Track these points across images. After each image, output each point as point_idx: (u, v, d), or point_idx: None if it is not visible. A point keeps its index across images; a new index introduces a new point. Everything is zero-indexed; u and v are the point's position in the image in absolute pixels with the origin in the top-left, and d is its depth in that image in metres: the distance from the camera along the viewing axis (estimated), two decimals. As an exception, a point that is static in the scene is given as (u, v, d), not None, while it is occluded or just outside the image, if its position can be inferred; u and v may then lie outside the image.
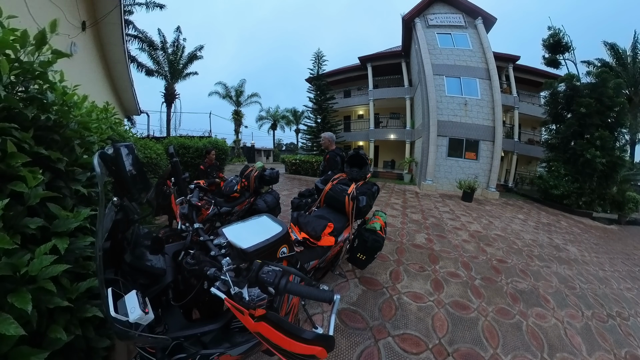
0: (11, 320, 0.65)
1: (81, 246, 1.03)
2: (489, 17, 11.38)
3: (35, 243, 0.85)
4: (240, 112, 22.43)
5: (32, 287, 0.75)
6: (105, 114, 2.12)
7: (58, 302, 0.82)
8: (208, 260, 0.81)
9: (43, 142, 0.97)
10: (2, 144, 0.78)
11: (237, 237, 0.94)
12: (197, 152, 6.53)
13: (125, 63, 6.58)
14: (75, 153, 1.12)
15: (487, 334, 1.99)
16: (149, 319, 0.62)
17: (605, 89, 8.78)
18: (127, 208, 0.78)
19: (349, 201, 2.00)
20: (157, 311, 0.74)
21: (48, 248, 0.79)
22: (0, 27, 0.91)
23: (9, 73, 0.85)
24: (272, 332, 0.55)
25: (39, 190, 0.85)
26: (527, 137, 14.96)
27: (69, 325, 0.91)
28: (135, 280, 0.75)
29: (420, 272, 2.88)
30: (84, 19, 4.50)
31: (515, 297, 2.60)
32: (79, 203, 1.17)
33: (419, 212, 6.09)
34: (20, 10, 2.72)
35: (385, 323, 1.98)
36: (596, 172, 8.73)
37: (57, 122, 1.05)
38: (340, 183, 2.25)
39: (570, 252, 4.40)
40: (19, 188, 0.79)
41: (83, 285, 0.97)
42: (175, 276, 0.88)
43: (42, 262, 0.76)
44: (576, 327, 2.27)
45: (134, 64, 13.34)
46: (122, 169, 0.71)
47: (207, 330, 0.79)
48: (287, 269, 0.68)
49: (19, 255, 0.76)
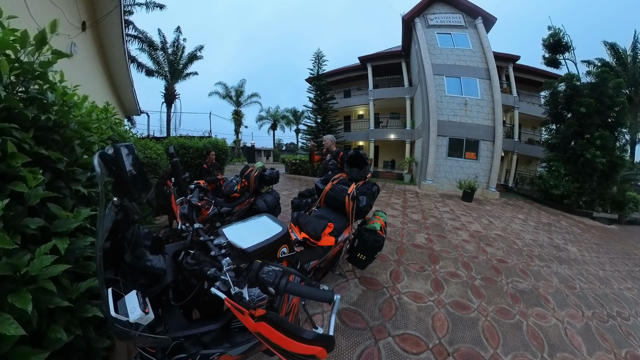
0: (11, 321, 0.65)
1: (81, 246, 1.03)
2: (488, 17, 11.38)
3: (36, 243, 0.85)
4: (240, 112, 22.45)
5: (33, 287, 0.75)
6: (106, 114, 2.12)
7: (58, 302, 0.82)
8: (208, 261, 0.81)
9: (43, 142, 0.97)
10: (2, 144, 0.79)
11: (237, 237, 0.94)
12: (197, 153, 6.53)
13: (125, 63, 6.58)
14: (75, 153, 1.12)
15: (488, 333, 1.99)
16: (149, 319, 0.62)
17: (605, 88, 8.79)
18: (127, 208, 0.78)
19: (349, 201, 2.00)
20: (157, 311, 0.74)
21: (48, 248, 0.79)
22: (0, 28, 0.91)
23: (9, 73, 0.85)
24: (272, 332, 0.55)
25: (39, 190, 0.85)
26: (527, 137, 14.96)
27: (69, 325, 0.91)
28: (136, 280, 0.75)
29: (421, 272, 2.88)
30: (84, 19, 4.50)
31: (515, 297, 2.60)
32: (79, 203, 1.17)
33: (419, 212, 6.09)
34: (21, 11, 2.72)
35: (386, 323, 1.98)
36: (596, 172, 8.73)
37: (57, 122, 1.05)
38: (341, 183, 2.25)
39: (570, 252, 4.39)
40: (19, 188, 0.79)
41: (83, 286, 0.97)
42: (176, 276, 0.88)
43: (42, 262, 0.76)
44: (576, 327, 2.27)
45: (134, 64, 13.35)
46: (122, 169, 0.71)
47: (207, 330, 0.79)
48: (287, 269, 0.68)
49: (20, 255, 0.76)
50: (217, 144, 7.19)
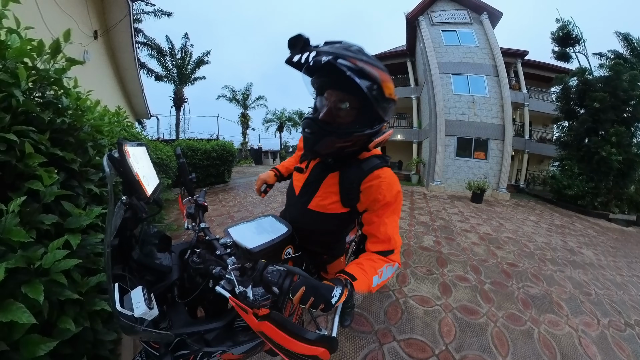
0: (24, 310, 0.69)
1: (92, 242, 1.06)
2: (494, 11, 11.13)
3: (50, 238, 0.89)
4: (247, 114, 22.73)
5: (45, 280, 0.79)
6: (117, 118, 2.20)
7: (69, 295, 0.85)
8: (213, 260, 0.81)
9: (58, 144, 1.03)
10: (20, 145, 0.83)
11: (243, 237, 0.95)
12: (205, 154, 6.65)
13: (135, 69, 6.80)
14: (88, 154, 1.18)
15: (497, 340, 1.92)
16: (154, 314, 0.63)
17: (619, 82, 8.37)
18: (135, 207, 0.80)
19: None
20: (162, 307, 0.75)
21: (61, 243, 0.83)
22: (18, 38, 0.96)
23: (26, 80, 0.90)
24: (275, 331, 0.56)
25: (54, 189, 0.89)
26: (538, 135, 14.53)
27: (78, 317, 0.94)
28: (142, 276, 0.77)
29: (428, 275, 2.83)
30: (96, 28, 4.68)
31: (526, 302, 2.52)
32: (92, 201, 1.23)
33: (427, 213, 6.00)
34: (36, 21, 2.86)
35: (391, 327, 1.95)
36: (612, 170, 8.36)
37: (71, 125, 1.10)
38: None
39: (585, 256, 4.23)
40: (35, 186, 0.83)
41: (93, 280, 1.01)
42: (181, 274, 0.89)
43: (55, 255, 0.80)
44: (591, 335, 2.15)
45: (144, 69, 13.74)
46: (128, 170, 0.72)
47: (210, 328, 0.80)
48: (291, 269, 0.68)
49: (34, 248, 0.80)
50: (224, 146, 7.30)
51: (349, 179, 0.85)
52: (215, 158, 6.89)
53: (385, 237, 0.82)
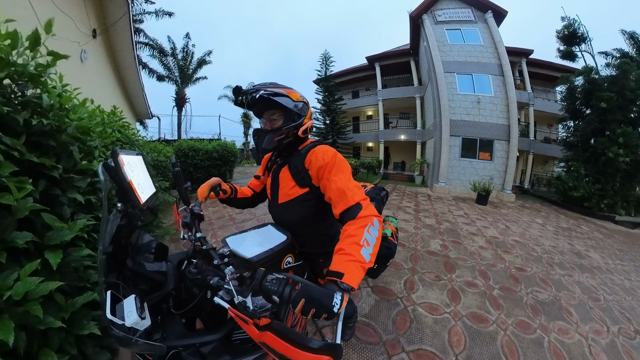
0: None
1: (78, 258, 0.97)
2: (499, 9, 10.98)
3: (29, 257, 0.80)
4: (249, 114, 22.67)
5: (21, 310, 0.69)
6: (113, 118, 2.11)
7: (50, 323, 0.77)
8: (211, 270, 0.78)
9: (38, 148, 0.93)
10: None
11: (241, 247, 0.94)
12: (207, 155, 6.59)
13: (135, 69, 6.73)
14: (73, 159, 1.07)
15: (507, 350, 1.85)
16: (145, 324, 0.61)
17: (626, 81, 8.20)
18: (130, 214, 0.78)
19: None
20: (157, 318, 0.74)
21: (34, 267, 0.72)
22: None
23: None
24: (277, 341, 0.53)
25: (29, 201, 0.79)
26: (543, 135, 14.36)
27: (65, 344, 0.87)
28: (136, 285, 0.75)
29: (436, 282, 2.73)
30: (94, 27, 4.60)
31: (535, 308, 2.43)
32: (79, 210, 1.13)
33: (433, 216, 5.89)
34: (31, 21, 2.76)
35: (399, 337, 1.86)
36: (619, 171, 8.22)
37: (54, 127, 1.00)
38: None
39: (592, 259, 4.11)
40: (5, 200, 0.73)
41: (79, 301, 0.92)
42: (178, 285, 0.87)
43: (26, 285, 0.69)
44: (601, 343, 2.08)
45: (145, 70, 13.68)
46: (122, 179, 0.70)
47: (207, 340, 0.76)
48: (292, 277, 0.64)
49: (6, 274, 0.70)
50: (226, 146, 7.23)
51: (294, 164, 1.04)
52: (216, 158, 6.82)
53: (338, 192, 0.87)
